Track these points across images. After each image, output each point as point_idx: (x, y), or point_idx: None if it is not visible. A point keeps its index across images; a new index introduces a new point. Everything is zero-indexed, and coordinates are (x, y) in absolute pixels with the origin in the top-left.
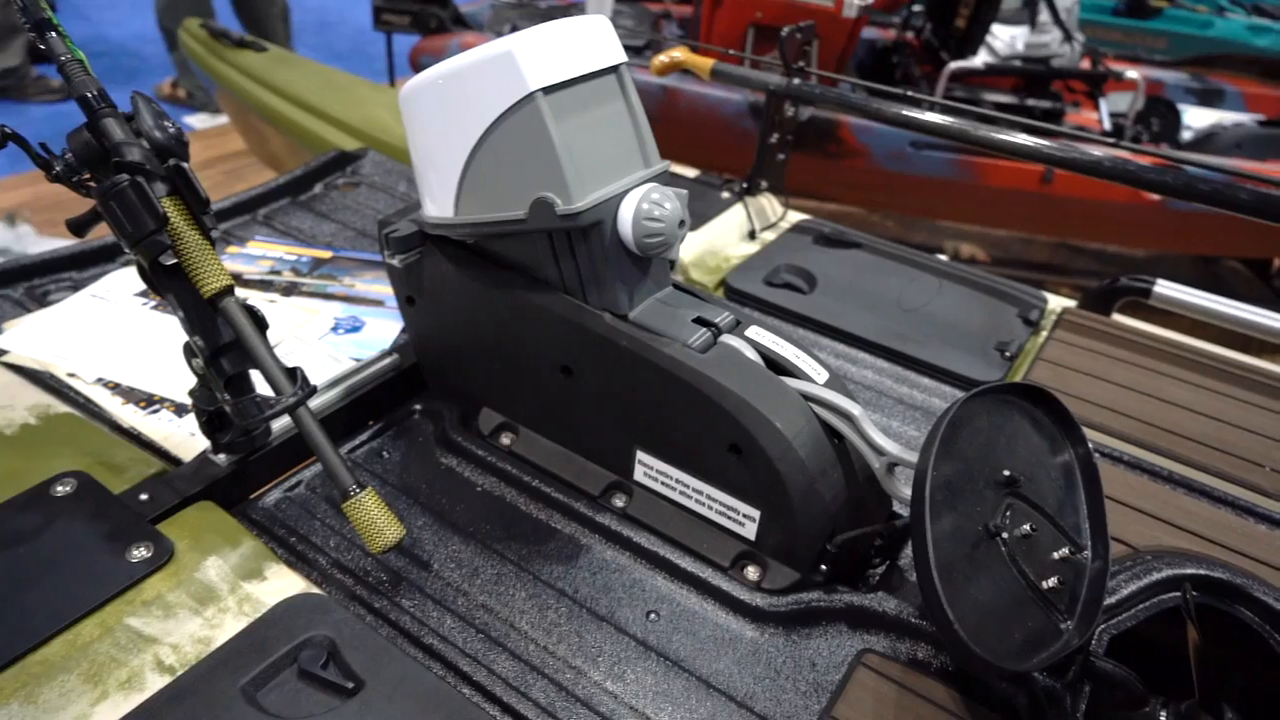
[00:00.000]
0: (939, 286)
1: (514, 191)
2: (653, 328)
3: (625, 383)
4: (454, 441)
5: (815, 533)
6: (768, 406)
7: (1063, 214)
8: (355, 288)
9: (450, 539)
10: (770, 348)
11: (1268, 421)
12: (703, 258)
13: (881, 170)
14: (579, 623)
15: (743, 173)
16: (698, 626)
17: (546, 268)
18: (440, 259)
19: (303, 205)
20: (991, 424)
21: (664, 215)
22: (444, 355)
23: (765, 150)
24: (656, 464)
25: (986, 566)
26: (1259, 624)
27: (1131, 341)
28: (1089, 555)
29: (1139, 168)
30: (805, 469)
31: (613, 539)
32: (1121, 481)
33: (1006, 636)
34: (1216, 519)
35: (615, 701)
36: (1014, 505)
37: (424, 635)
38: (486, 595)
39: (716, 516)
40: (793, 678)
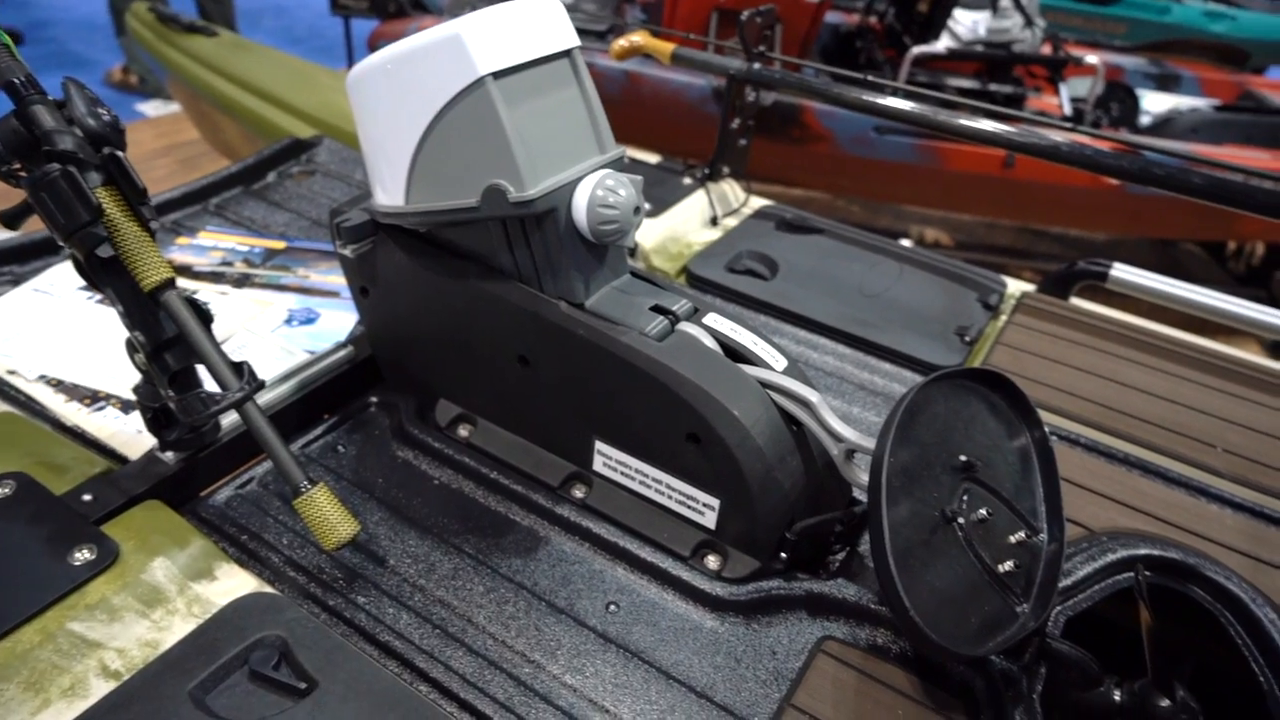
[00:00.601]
0: (900, 272)
1: (466, 179)
2: (609, 316)
3: (582, 372)
4: (410, 434)
5: (774, 521)
6: (725, 395)
7: (1024, 198)
8: (310, 279)
9: (407, 534)
10: (728, 335)
11: (1220, 403)
12: (664, 244)
13: (845, 155)
14: (538, 616)
15: (707, 158)
16: (658, 617)
17: (501, 256)
18: (393, 249)
19: (256, 194)
20: (949, 409)
21: (619, 202)
22: (399, 347)
23: (726, 136)
24: (615, 454)
25: (943, 552)
26: (1210, 602)
27: (1089, 325)
28: (1045, 538)
29: (1096, 152)
30: (763, 457)
31: (572, 530)
32: (1078, 464)
33: (963, 621)
34: (1170, 500)
35: (574, 695)
36: (971, 490)
37: (380, 633)
38: (444, 590)
39: (676, 506)
40: (753, 666)
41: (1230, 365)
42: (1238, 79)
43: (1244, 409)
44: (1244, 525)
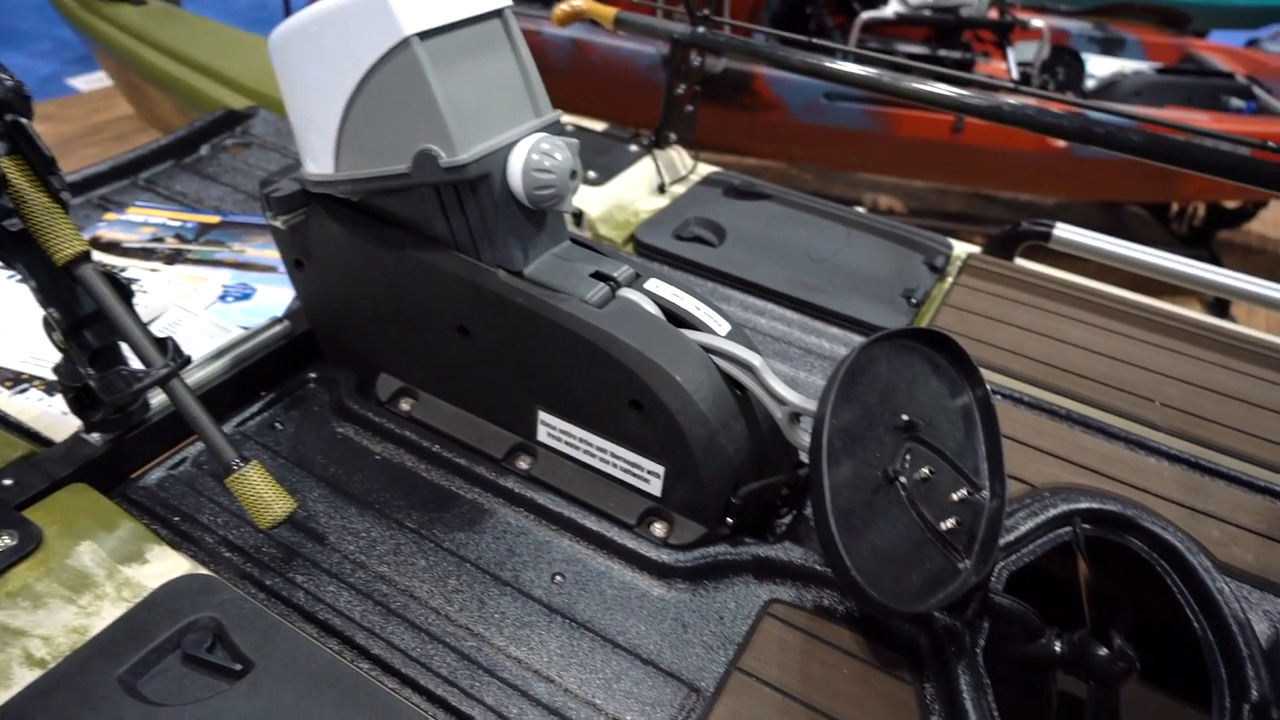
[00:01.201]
0: (847, 236)
1: (395, 144)
2: (549, 283)
3: (522, 341)
4: (350, 409)
5: (719, 486)
6: (667, 360)
7: (973, 162)
8: (246, 253)
9: (346, 510)
10: (670, 300)
11: (1159, 358)
12: (611, 213)
13: (796, 123)
14: (481, 589)
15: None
16: (604, 586)
17: (436, 225)
18: (326, 219)
19: (188, 168)
20: (891, 370)
21: (555, 166)
22: (337, 320)
23: (672, 102)
24: (559, 424)
25: (885, 511)
26: (1147, 552)
27: (1033, 285)
28: (987, 495)
29: (1039, 112)
30: (707, 422)
31: (517, 502)
32: (1022, 422)
33: (905, 579)
34: (1110, 454)
35: (519, 666)
36: (913, 449)
37: (319, 611)
38: (385, 566)
39: (621, 474)
40: (700, 632)
41: (1169, 321)
42: (1179, 42)
43: (1181, 364)
44: (1180, 477)
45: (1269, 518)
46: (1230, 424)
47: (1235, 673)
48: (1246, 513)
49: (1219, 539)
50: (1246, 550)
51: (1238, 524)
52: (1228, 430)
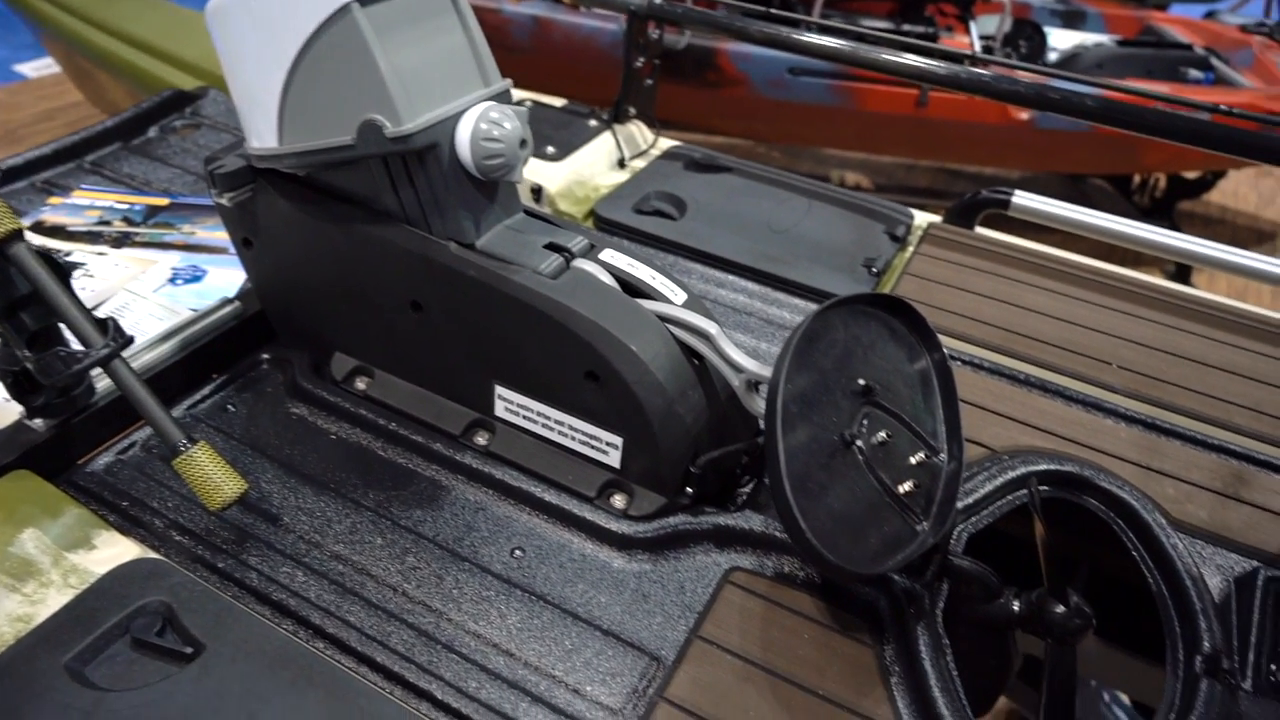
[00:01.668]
0: (808, 207)
1: (339, 115)
2: (501, 255)
3: (476, 315)
4: (305, 390)
5: (678, 456)
6: (622, 330)
7: (937, 136)
8: (196, 235)
9: (301, 491)
10: (626, 270)
11: (1116, 322)
12: (570, 188)
13: (761, 99)
14: (440, 565)
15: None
16: (564, 559)
17: (386, 198)
18: (274, 195)
19: (136, 150)
20: (848, 335)
21: (504, 135)
22: (289, 299)
23: (631, 76)
24: (516, 398)
25: (842, 475)
26: (1104, 512)
27: (993, 253)
28: (945, 458)
29: (994, 79)
30: (664, 392)
31: (475, 478)
32: (982, 387)
33: (862, 541)
34: (1068, 417)
35: (478, 641)
36: (871, 414)
37: (273, 592)
38: (341, 545)
39: (580, 447)
40: (661, 602)
41: (1126, 286)
42: (1140, 14)
43: (1138, 327)
44: (1136, 437)
45: (1222, 475)
46: (1185, 385)
47: (1188, 625)
48: (1200, 470)
49: (1174, 497)
50: (1200, 507)
51: (1192, 482)
52: (1183, 391)
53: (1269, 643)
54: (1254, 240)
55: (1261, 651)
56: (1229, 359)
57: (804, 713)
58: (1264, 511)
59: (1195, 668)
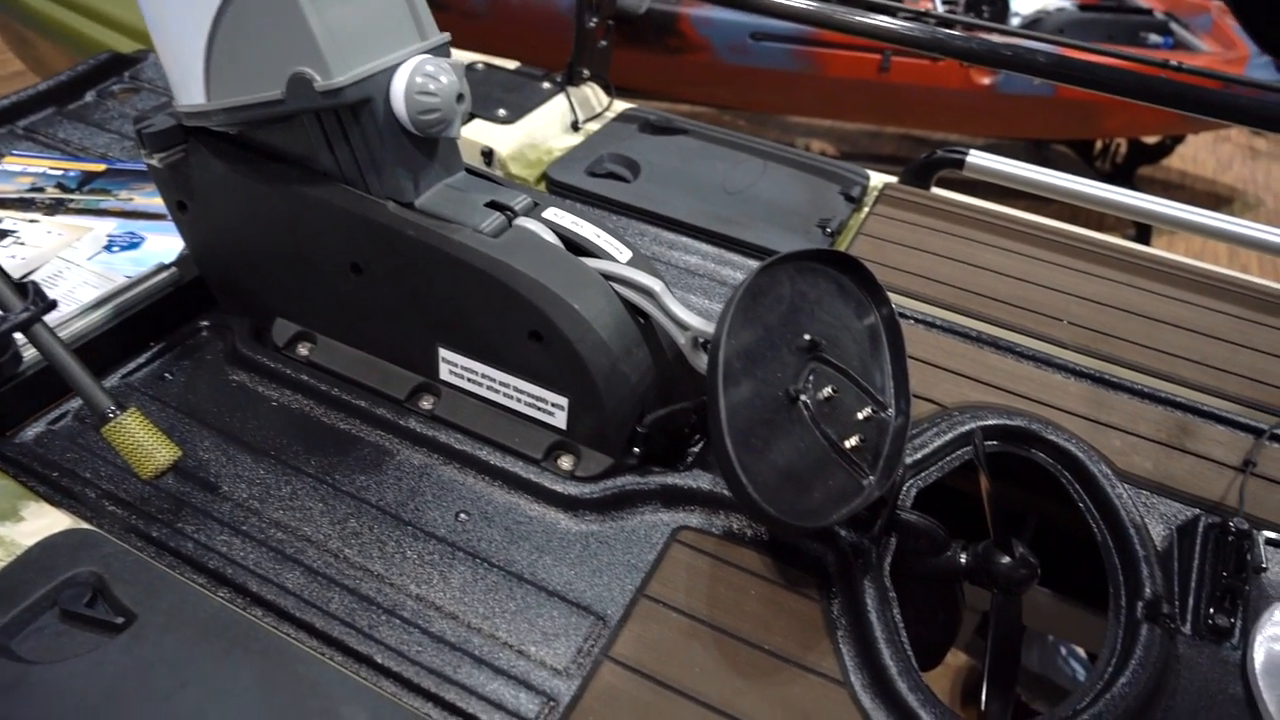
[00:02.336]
0: (763, 168)
1: (267, 69)
2: (441, 214)
3: (417, 276)
4: (245, 357)
5: (624, 415)
6: (565, 289)
7: (900, 102)
8: (134, 201)
9: (240, 458)
10: (569, 228)
11: (1068, 279)
12: (522, 151)
13: (724, 64)
14: (382, 530)
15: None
16: (510, 521)
17: (321, 156)
18: (207, 156)
19: (72, 115)
20: (795, 291)
21: (440, 89)
22: (227, 264)
23: (583, 36)
24: (461, 360)
25: (787, 430)
26: (1052, 464)
27: (948, 212)
28: (892, 413)
29: (948, 36)
30: (608, 350)
31: (420, 442)
32: (934, 344)
33: (806, 496)
34: (1019, 372)
35: (420, 604)
36: (817, 369)
37: (209, 560)
38: (280, 512)
39: (526, 409)
40: (609, 562)
41: (1079, 244)
42: None
43: (1090, 284)
44: (1085, 391)
45: (1167, 427)
46: (1134, 340)
47: (1130, 573)
48: (1146, 423)
49: (1120, 448)
50: (1146, 458)
51: (1138, 434)
52: (1131, 345)
53: (1208, 587)
54: (1212, 204)
55: (1200, 596)
56: (1178, 314)
57: (749, 667)
58: (1207, 461)
59: (1136, 613)
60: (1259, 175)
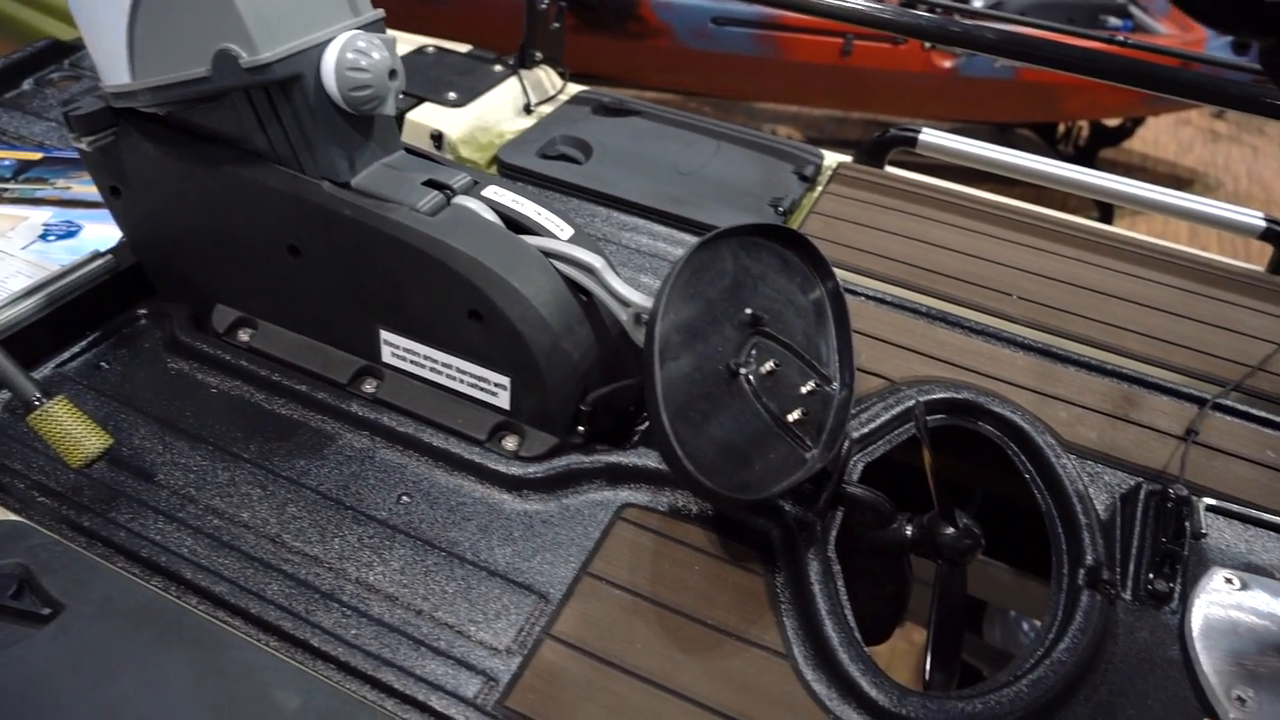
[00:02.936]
0: (716, 149)
1: (192, 46)
2: (377, 193)
3: (354, 257)
4: (184, 344)
5: (566, 394)
6: (504, 266)
7: (863, 86)
8: (71, 190)
9: (177, 446)
10: (509, 206)
11: (1018, 254)
12: (473, 134)
13: (686, 49)
14: (321, 515)
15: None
16: (454, 503)
17: (254, 137)
18: (138, 139)
19: (9, 103)
20: (738, 266)
21: (371, 65)
22: (164, 250)
23: (535, 17)
24: (402, 342)
25: (727, 404)
26: (998, 436)
27: (900, 190)
28: (837, 387)
29: (896, 12)
30: (549, 328)
31: (362, 426)
32: (884, 320)
33: (747, 469)
34: (968, 347)
35: (359, 588)
36: (760, 344)
37: (141, 549)
38: (217, 499)
39: (469, 390)
40: (553, 541)
41: (1030, 220)
42: None
43: (1040, 259)
44: (1033, 364)
45: (1113, 398)
46: (1082, 313)
47: (1073, 541)
48: (1092, 394)
49: (1066, 420)
50: (1091, 429)
51: (1084, 405)
52: (1079, 319)
53: (1148, 554)
54: (1173, 186)
55: (1141, 563)
56: (1125, 288)
57: (691, 642)
58: (1151, 431)
59: (1078, 581)
60: (1219, 158)
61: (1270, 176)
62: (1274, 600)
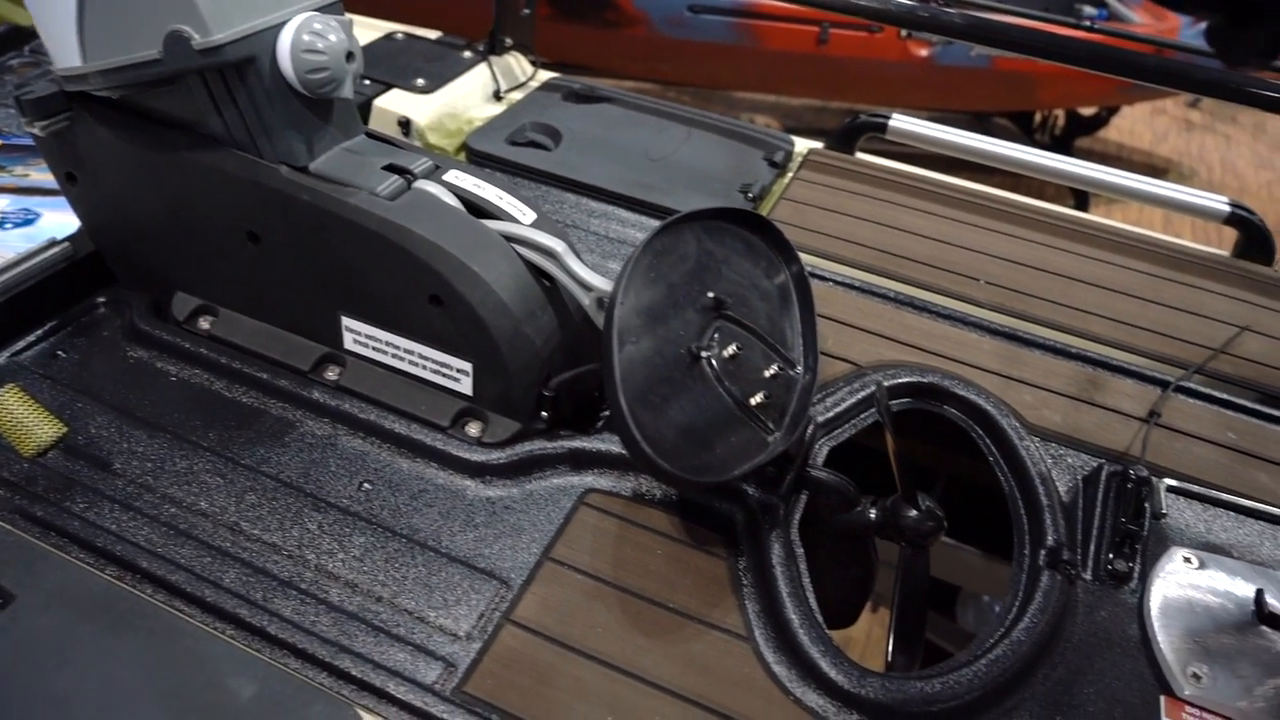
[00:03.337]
0: (687, 135)
1: (143, 27)
2: (336, 178)
3: (314, 242)
4: (144, 332)
5: (529, 379)
6: (464, 251)
7: (839, 74)
8: (30, 177)
9: (135, 435)
10: (471, 191)
11: (986, 239)
12: (442, 121)
13: (662, 37)
14: (282, 503)
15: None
16: (416, 490)
17: (210, 120)
18: (93, 123)
19: None
20: (701, 250)
21: (328, 47)
22: (122, 237)
23: (504, 3)
24: (364, 329)
25: (688, 388)
26: (963, 419)
27: (871, 176)
28: (801, 370)
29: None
30: (509, 313)
31: (324, 413)
32: (852, 305)
33: (708, 452)
34: (935, 331)
35: (318, 575)
36: (722, 327)
37: (96, 538)
38: (175, 488)
39: (432, 376)
40: (516, 527)
41: (999, 205)
42: None
43: (1008, 244)
44: (999, 348)
45: (1078, 381)
46: (1048, 297)
47: (1035, 522)
48: (1057, 377)
49: (1031, 403)
50: (1055, 411)
51: (1049, 388)
52: (1045, 303)
53: (1109, 534)
54: (1148, 175)
55: (1101, 543)
56: (1092, 272)
57: (652, 626)
58: (1114, 413)
59: (1039, 561)
60: (1193, 147)
61: (1243, 165)
62: (1231, 579)
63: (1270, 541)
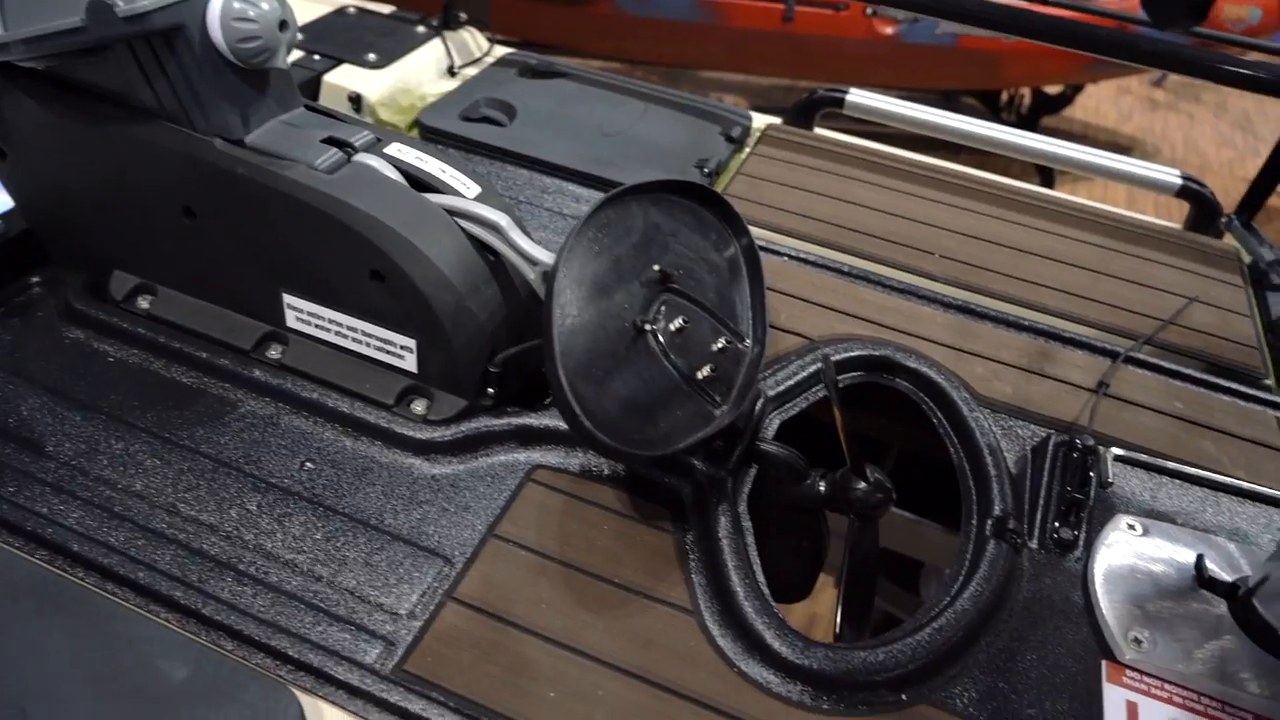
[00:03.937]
0: (644, 111)
1: None
2: (273, 151)
3: (251, 217)
4: (80, 312)
5: (473, 355)
6: (404, 225)
7: (805, 53)
8: None
9: (69, 417)
10: (413, 164)
11: (941, 213)
12: (394, 97)
13: (627, 15)
14: (220, 483)
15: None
16: (359, 468)
17: (141, 92)
18: (20, 96)
19: None
20: (648, 223)
21: (259, 15)
22: (56, 214)
23: None
24: (306, 306)
25: (632, 362)
26: (914, 392)
27: (829, 151)
28: (750, 344)
29: None
30: (452, 288)
31: (266, 392)
32: (806, 279)
33: (650, 425)
34: (889, 305)
35: (257, 555)
36: (669, 300)
37: (26, 522)
38: (109, 470)
39: (376, 353)
40: (461, 505)
41: (954, 179)
42: None
43: (962, 218)
44: (952, 321)
45: (1029, 353)
46: (1001, 270)
47: (982, 492)
48: (1009, 350)
49: (982, 375)
50: (1006, 383)
51: (1000, 360)
52: (998, 276)
53: (1055, 503)
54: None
55: (1048, 512)
56: (1044, 245)
57: (596, 601)
58: (1064, 384)
59: (985, 531)
60: (1158, 125)
61: (1205, 143)
62: (1173, 545)
63: (1213, 508)
